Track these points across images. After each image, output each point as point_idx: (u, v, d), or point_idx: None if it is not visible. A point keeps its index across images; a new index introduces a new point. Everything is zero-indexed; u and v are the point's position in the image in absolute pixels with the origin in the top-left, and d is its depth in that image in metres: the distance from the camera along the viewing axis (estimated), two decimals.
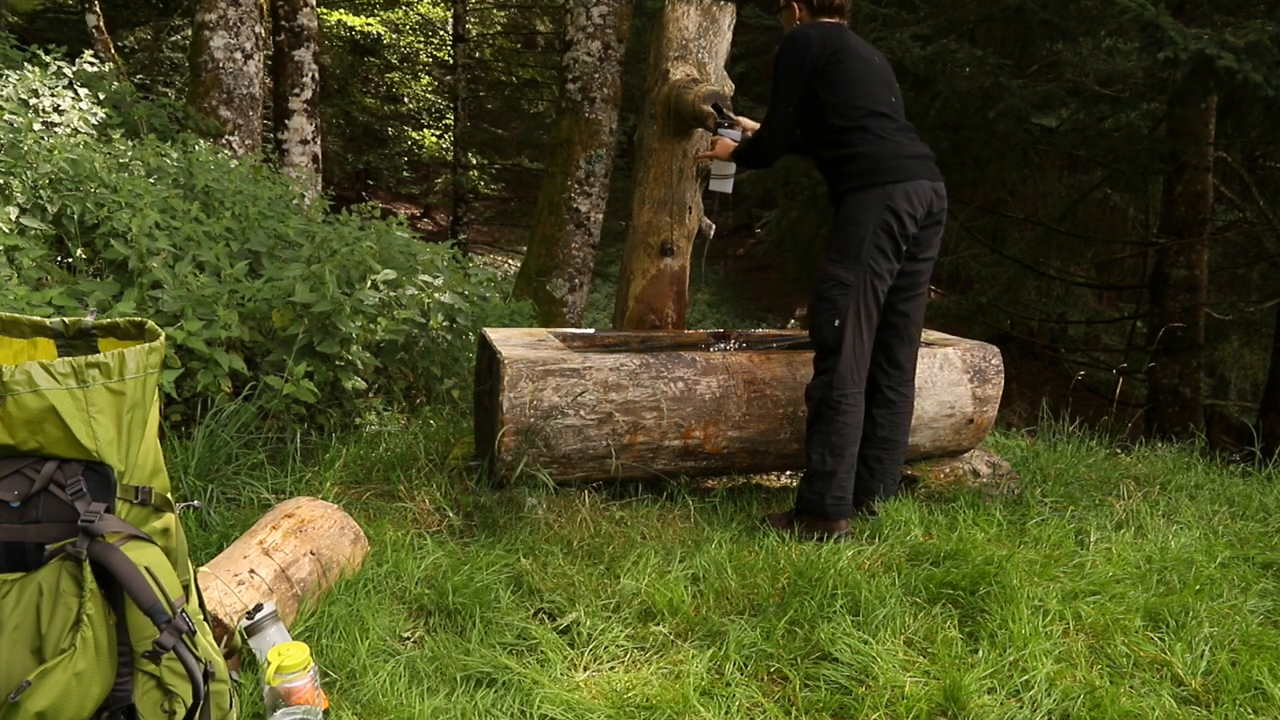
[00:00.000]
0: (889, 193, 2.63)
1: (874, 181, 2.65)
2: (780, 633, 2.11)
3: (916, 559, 2.57)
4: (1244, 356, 9.48)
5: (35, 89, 4.38)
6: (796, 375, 2.97)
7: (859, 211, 2.66)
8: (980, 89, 6.66)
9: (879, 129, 2.70)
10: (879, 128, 2.70)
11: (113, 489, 1.30)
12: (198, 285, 2.87)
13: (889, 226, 2.64)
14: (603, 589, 2.31)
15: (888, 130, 2.71)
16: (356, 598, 2.15)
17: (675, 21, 3.48)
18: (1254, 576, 2.67)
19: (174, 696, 1.33)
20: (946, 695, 1.89)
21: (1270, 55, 5.03)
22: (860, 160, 2.68)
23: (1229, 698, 1.98)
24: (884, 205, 2.63)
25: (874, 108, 2.72)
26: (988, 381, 3.25)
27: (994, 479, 3.31)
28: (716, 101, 3.17)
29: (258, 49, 6.53)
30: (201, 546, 2.31)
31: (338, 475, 2.85)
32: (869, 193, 2.65)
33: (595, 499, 2.86)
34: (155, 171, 3.97)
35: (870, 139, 2.68)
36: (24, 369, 1.21)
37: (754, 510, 2.97)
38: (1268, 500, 3.45)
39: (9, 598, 1.22)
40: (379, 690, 1.81)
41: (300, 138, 7.61)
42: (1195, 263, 7.47)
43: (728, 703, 1.87)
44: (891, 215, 2.63)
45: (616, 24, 6.71)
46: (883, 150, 2.68)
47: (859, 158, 2.69)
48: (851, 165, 2.70)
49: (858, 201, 2.67)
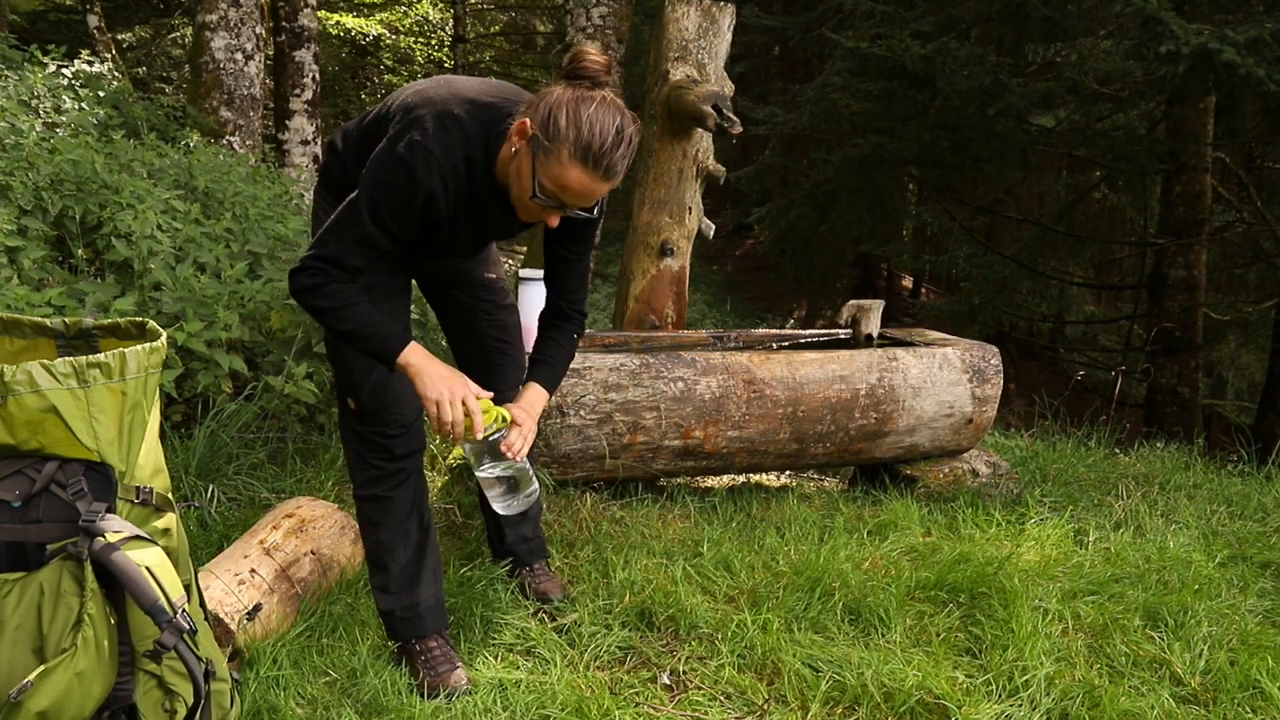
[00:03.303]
0: None
1: None
2: (779, 632, 2.11)
3: (916, 558, 2.57)
4: (1241, 357, 9.50)
5: (35, 90, 4.38)
6: (796, 375, 2.98)
7: None
8: (979, 87, 6.67)
9: None
10: None
11: (114, 489, 1.30)
12: (199, 286, 2.87)
13: None
14: (603, 589, 2.32)
15: None
16: (357, 597, 2.15)
17: (675, 22, 3.48)
18: (1252, 576, 2.68)
19: (175, 696, 1.33)
20: (946, 695, 1.89)
21: (1271, 50, 5.04)
22: None
23: (1227, 697, 1.98)
24: None
25: None
26: (987, 381, 3.26)
27: (993, 479, 3.31)
28: (716, 102, 3.17)
29: (258, 50, 6.53)
30: (202, 546, 2.32)
31: (338, 475, 2.85)
32: None
33: (595, 499, 2.87)
34: (156, 172, 3.97)
35: None
36: (25, 369, 1.21)
37: (754, 510, 2.97)
38: (1266, 500, 3.45)
39: (10, 597, 1.22)
40: (379, 690, 1.82)
41: (301, 138, 7.61)
42: (1193, 263, 7.48)
43: (725, 702, 1.88)
44: None
45: (616, 24, 6.71)
46: None
47: None
48: None
49: None
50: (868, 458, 3.21)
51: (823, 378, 3.00)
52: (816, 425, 3.01)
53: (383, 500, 1.92)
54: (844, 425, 3.05)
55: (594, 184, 1.61)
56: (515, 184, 1.68)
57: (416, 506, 1.96)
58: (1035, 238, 8.86)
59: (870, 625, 2.18)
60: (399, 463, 1.92)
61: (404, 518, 1.94)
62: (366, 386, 1.87)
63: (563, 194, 1.62)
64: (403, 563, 1.93)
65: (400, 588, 1.94)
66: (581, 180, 1.60)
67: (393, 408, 1.89)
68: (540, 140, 1.59)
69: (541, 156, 1.60)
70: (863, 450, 3.15)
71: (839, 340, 3.60)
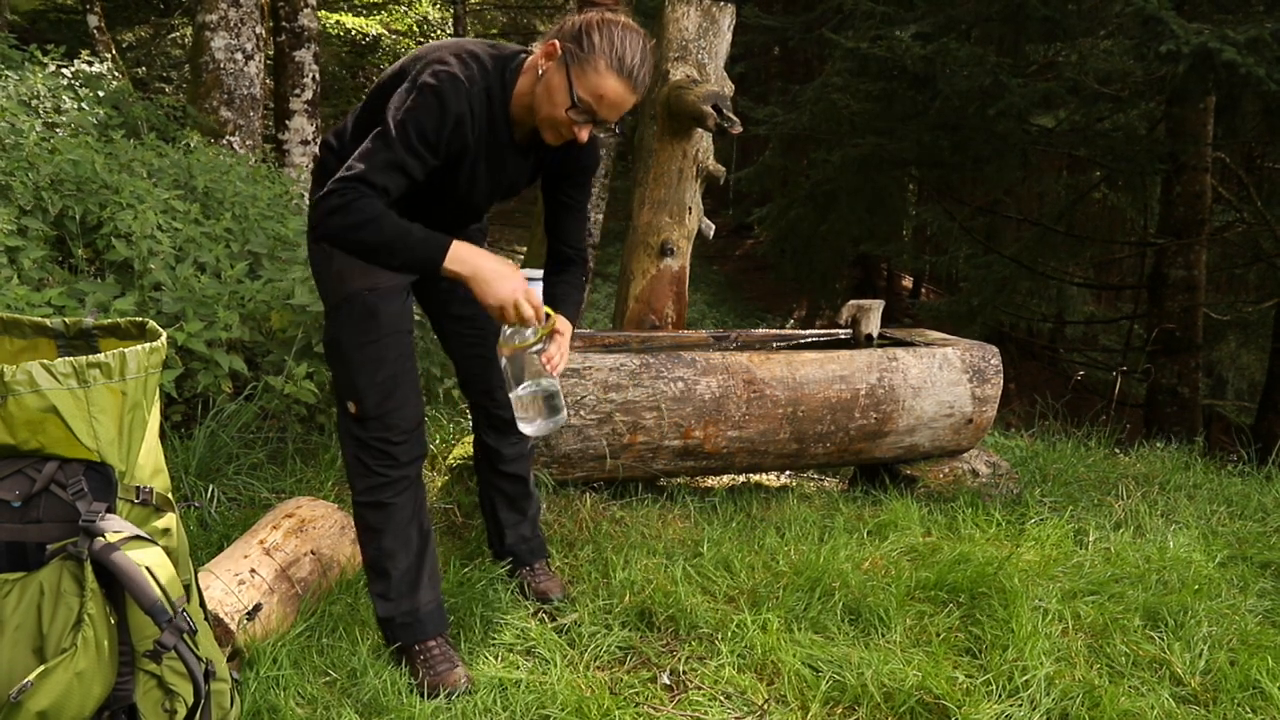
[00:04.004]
0: None
1: None
2: (779, 632, 2.11)
3: (916, 558, 2.57)
4: (1241, 357, 9.51)
5: (35, 90, 4.38)
6: (796, 375, 2.98)
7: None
8: (980, 88, 6.67)
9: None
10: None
11: (114, 489, 1.30)
12: (199, 286, 2.87)
13: None
14: (603, 589, 2.32)
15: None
16: (357, 597, 2.15)
17: (675, 22, 3.48)
18: (1252, 576, 2.68)
19: (175, 696, 1.33)
20: (946, 695, 1.89)
21: (1271, 50, 5.05)
22: None
23: (1227, 697, 1.98)
24: None
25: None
26: (987, 381, 3.26)
27: (993, 479, 3.31)
28: (716, 102, 3.17)
29: (258, 50, 6.53)
30: (202, 546, 2.32)
31: (338, 475, 2.85)
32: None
33: (595, 499, 2.87)
34: (156, 172, 3.97)
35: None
36: (25, 369, 1.21)
37: (754, 510, 2.97)
38: (1266, 500, 3.46)
39: (10, 597, 1.22)
40: (379, 690, 1.82)
41: (301, 138, 7.61)
42: (1193, 263, 7.48)
43: (725, 702, 1.88)
44: None
45: None
46: None
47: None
48: None
49: None
50: (868, 458, 3.21)
51: (823, 378, 3.00)
52: (816, 425, 3.01)
53: (386, 507, 1.91)
54: (844, 425, 3.05)
55: (626, 94, 1.72)
56: (546, 103, 1.73)
57: (417, 512, 1.95)
58: (1035, 238, 8.87)
59: (870, 625, 2.18)
60: (403, 470, 1.90)
61: (406, 524, 1.93)
62: (371, 390, 1.85)
63: (598, 104, 1.71)
64: (404, 568, 1.92)
65: (400, 594, 1.92)
66: (616, 90, 1.70)
67: (397, 412, 1.87)
68: (575, 54, 1.69)
69: (577, 70, 1.69)
70: (863, 450, 3.15)
71: (839, 340, 3.60)
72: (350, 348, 1.87)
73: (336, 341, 1.89)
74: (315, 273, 1.95)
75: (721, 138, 3.37)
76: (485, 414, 2.23)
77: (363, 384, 1.86)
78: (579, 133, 1.75)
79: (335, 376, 1.92)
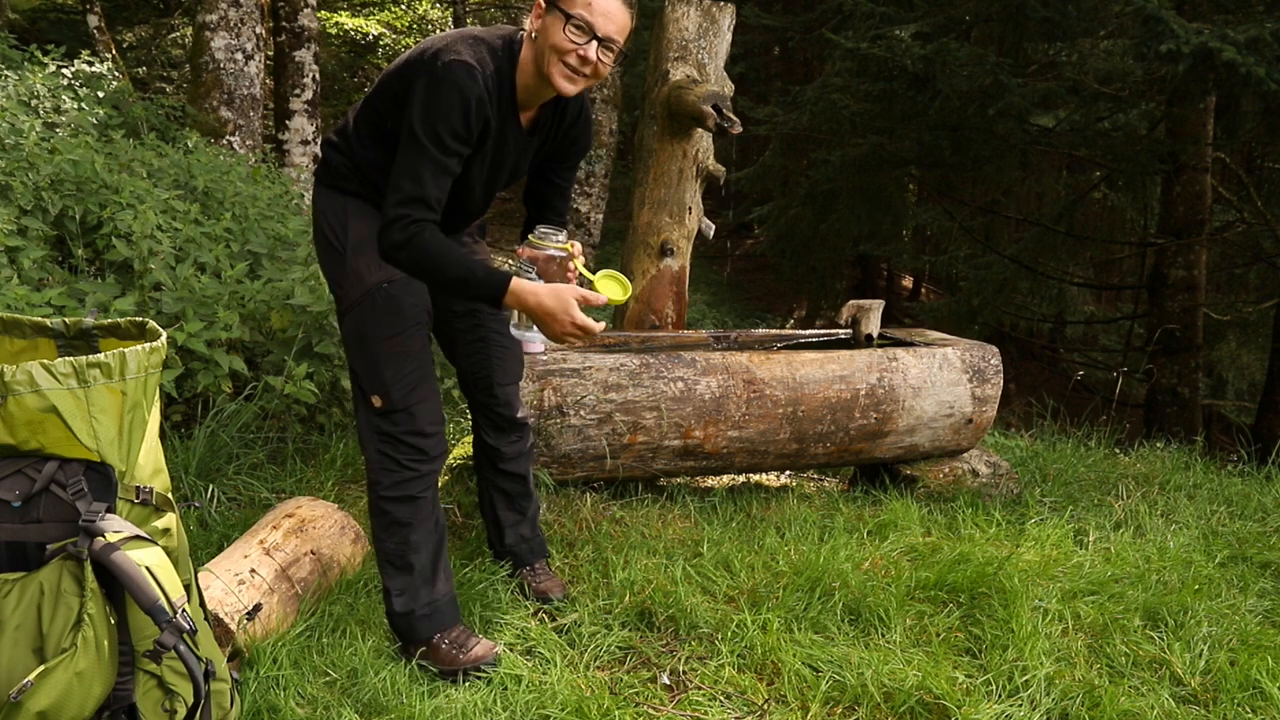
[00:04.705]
0: None
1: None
2: (779, 632, 2.11)
3: (916, 558, 2.57)
4: (1241, 357, 9.50)
5: (35, 90, 4.38)
6: (796, 375, 2.98)
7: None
8: (980, 88, 6.67)
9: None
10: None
11: (114, 489, 1.30)
12: (199, 286, 2.87)
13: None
14: (603, 589, 2.32)
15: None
16: (357, 597, 2.15)
17: (675, 22, 3.48)
18: (1252, 576, 2.68)
19: (175, 695, 1.33)
20: (946, 695, 1.89)
21: (1271, 50, 5.05)
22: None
23: (1227, 697, 1.98)
24: None
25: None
26: (987, 381, 3.26)
27: (993, 479, 3.31)
28: (716, 102, 3.17)
29: (258, 49, 6.53)
30: (202, 546, 2.32)
31: (338, 475, 2.85)
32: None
33: (595, 499, 2.87)
34: (156, 172, 3.98)
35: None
36: (25, 369, 1.21)
37: (754, 510, 2.98)
38: (1266, 500, 3.45)
39: (10, 597, 1.22)
40: (379, 690, 1.82)
41: (301, 138, 7.61)
42: (1193, 263, 7.48)
43: (725, 702, 1.88)
44: None
45: None
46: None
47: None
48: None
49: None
50: (868, 458, 3.21)
51: (823, 378, 3.00)
52: (816, 425, 3.01)
53: (416, 500, 1.93)
54: (844, 425, 3.05)
55: (616, 2, 1.76)
56: (546, 44, 1.77)
57: (435, 505, 1.99)
58: (1035, 238, 8.86)
59: (870, 625, 2.18)
60: (432, 464, 1.93)
61: (428, 516, 1.96)
62: (399, 382, 1.86)
63: (591, 14, 1.74)
64: (426, 560, 1.95)
65: (420, 585, 1.94)
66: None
67: (423, 404, 1.89)
68: None
69: (566, 2, 1.74)
70: (863, 450, 3.15)
71: (839, 340, 3.60)
72: (375, 341, 1.87)
73: (360, 336, 1.89)
74: (326, 273, 1.96)
75: (721, 138, 3.37)
76: (486, 413, 2.24)
77: (389, 376, 1.86)
78: (586, 55, 1.77)
79: (358, 371, 1.92)
